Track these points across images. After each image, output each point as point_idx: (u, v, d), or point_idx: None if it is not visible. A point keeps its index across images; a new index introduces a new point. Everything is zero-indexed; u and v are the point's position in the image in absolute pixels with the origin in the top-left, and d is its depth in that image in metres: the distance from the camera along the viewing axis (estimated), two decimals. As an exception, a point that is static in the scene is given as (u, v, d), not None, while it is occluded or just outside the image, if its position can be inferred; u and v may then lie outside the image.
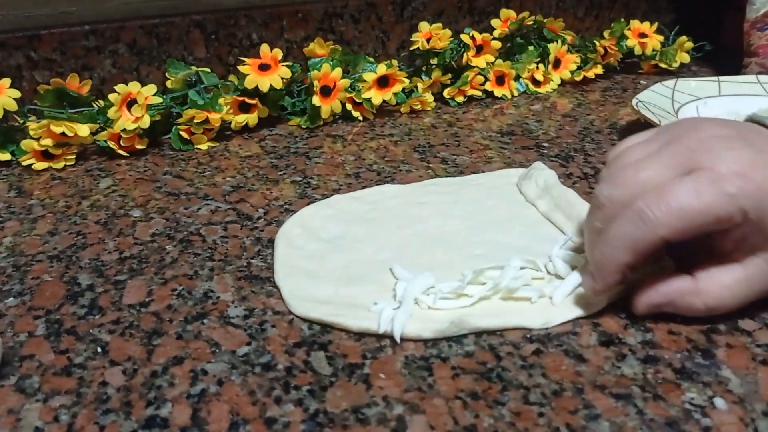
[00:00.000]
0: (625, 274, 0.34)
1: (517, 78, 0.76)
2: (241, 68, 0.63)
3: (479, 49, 0.74)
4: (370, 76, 0.67)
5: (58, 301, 0.40)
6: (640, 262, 0.34)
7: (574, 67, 0.78)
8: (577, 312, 0.36)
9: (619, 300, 0.37)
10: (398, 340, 0.35)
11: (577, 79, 0.78)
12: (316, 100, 0.65)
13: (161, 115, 0.62)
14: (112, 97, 0.59)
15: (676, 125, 0.37)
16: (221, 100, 0.63)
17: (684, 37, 0.84)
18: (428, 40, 0.71)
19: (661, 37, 0.83)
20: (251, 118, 0.65)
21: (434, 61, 0.72)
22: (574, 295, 0.37)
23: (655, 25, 0.83)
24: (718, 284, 0.35)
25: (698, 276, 0.35)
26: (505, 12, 0.77)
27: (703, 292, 0.35)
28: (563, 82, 0.78)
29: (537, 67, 0.77)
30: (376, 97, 0.67)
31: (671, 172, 0.33)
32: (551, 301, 0.37)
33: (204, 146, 0.62)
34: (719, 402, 0.31)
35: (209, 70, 0.66)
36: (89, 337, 0.36)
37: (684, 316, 0.36)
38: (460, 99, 0.73)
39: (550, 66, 0.77)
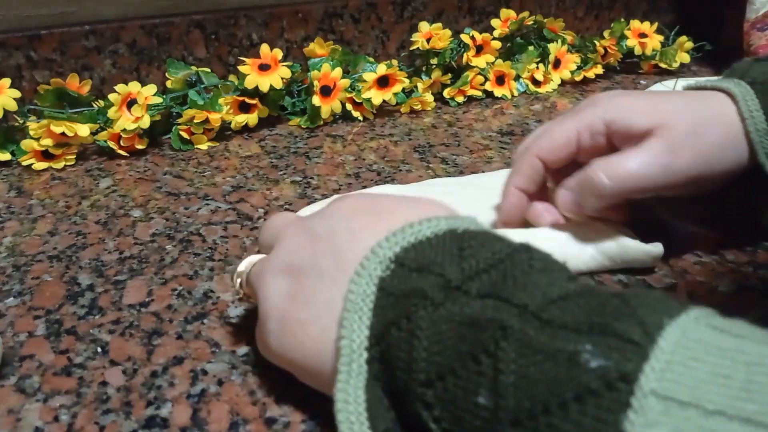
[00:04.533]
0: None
1: (517, 78, 0.76)
2: (241, 68, 0.63)
3: (479, 49, 0.74)
4: (370, 76, 0.67)
5: (58, 301, 0.40)
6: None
7: (574, 67, 0.78)
8: None
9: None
10: None
11: (577, 79, 0.78)
12: (316, 100, 0.65)
13: (161, 115, 0.62)
14: (112, 97, 0.59)
15: None
16: (221, 100, 0.63)
17: (684, 37, 0.84)
18: (428, 40, 0.71)
19: (661, 37, 0.83)
20: (251, 118, 0.65)
21: (434, 61, 0.72)
22: None
23: (655, 25, 0.83)
24: (614, 159, 0.38)
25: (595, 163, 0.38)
26: (505, 12, 0.77)
27: (602, 168, 0.37)
28: (563, 82, 0.78)
29: (537, 67, 0.77)
30: (376, 97, 0.67)
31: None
32: None
33: (204, 146, 0.62)
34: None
35: (209, 70, 0.66)
36: (89, 337, 0.36)
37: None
38: (460, 99, 0.73)
39: (550, 66, 0.77)
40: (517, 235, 0.38)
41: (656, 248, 0.41)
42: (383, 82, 0.68)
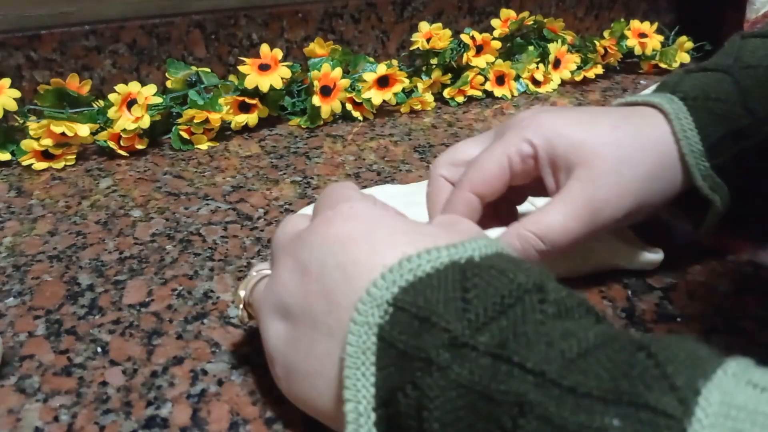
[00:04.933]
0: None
1: (517, 78, 0.76)
2: (241, 68, 0.63)
3: (479, 49, 0.74)
4: (370, 76, 0.67)
5: (58, 301, 0.40)
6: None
7: (574, 67, 0.78)
8: None
9: (619, 299, 0.37)
10: None
11: (577, 79, 0.78)
12: (316, 100, 0.65)
13: (161, 115, 0.62)
14: (112, 97, 0.59)
15: None
16: (221, 100, 0.63)
17: (684, 37, 0.84)
18: (428, 40, 0.71)
19: (661, 37, 0.83)
20: (251, 118, 0.65)
21: (434, 61, 0.72)
22: None
23: (655, 25, 0.83)
24: (539, 218, 0.35)
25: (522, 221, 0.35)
26: (505, 12, 0.77)
27: (530, 229, 0.34)
28: (563, 82, 0.78)
29: (537, 67, 0.77)
30: (376, 97, 0.67)
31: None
32: None
33: (204, 146, 0.62)
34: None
35: (209, 70, 0.66)
36: (89, 337, 0.36)
37: (683, 316, 0.35)
38: (460, 99, 0.73)
39: (550, 66, 0.77)
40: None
41: (657, 255, 0.41)
42: (383, 82, 0.68)
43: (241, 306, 0.32)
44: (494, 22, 0.77)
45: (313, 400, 0.27)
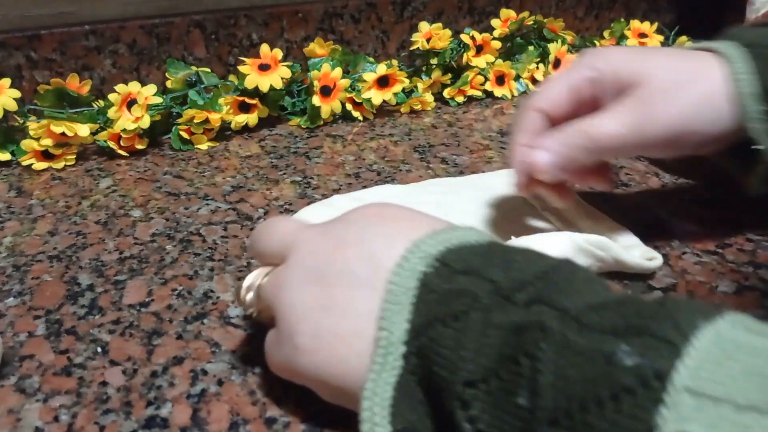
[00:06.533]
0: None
1: (517, 78, 0.76)
2: (241, 68, 0.63)
3: (479, 49, 0.74)
4: (370, 76, 0.67)
5: (58, 301, 0.40)
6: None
7: (574, 67, 0.77)
8: None
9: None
10: None
11: (577, 79, 0.78)
12: (316, 100, 0.65)
13: (161, 115, 0.62)
14: (112, 97, 0.59)
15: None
16: (221, 100, 0.63)
17: (684, 37, 0.84)
18: (428, 40, 0.71)
19: (661, 37, 0.83)
20: (251, 118, 0.65)
21: (434, 61, 0.72)
22: None
23: (655, 25, 0.83)
24: (590, 121, 0.38)
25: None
26: (505, 12, 0.77)
27: (580, 128, 0.38)
28: (563, 82, 0.78)
29: (537, 67, 0.77)
30: (376, 97, 0.67)
31: None
32: None
33: (204, 146, 0.62)
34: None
35: (209, 70, 0.66)
36: (89, 337, 0.36)
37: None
38: (460, 99, 0.73)
39: (550, 66, 0.77)
40: (520, 243, 0.38)
41: (655, 262, 0.41)
42: (383, 82, 0.68)
43: (250, 295, 0.32)
44: (494, 22, 0.77)
45: (344, 363, 0.27)
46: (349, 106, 0.68)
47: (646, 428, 0.19)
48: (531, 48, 0.78)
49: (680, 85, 0.38)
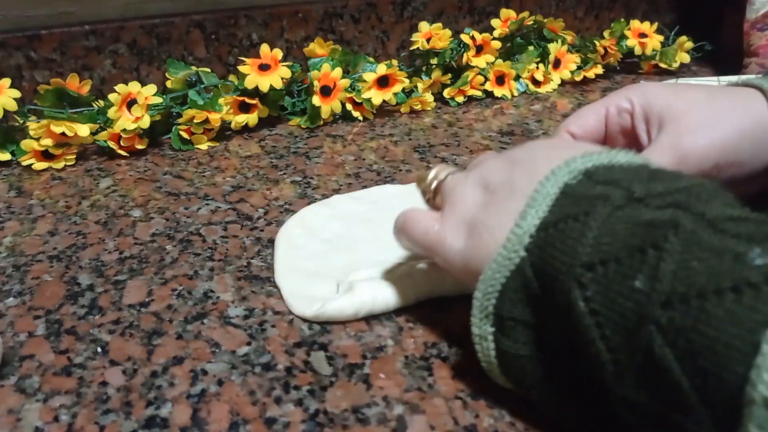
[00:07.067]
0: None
1: (517, 78, 0.76)
2: (241, 68, 0.63)
3: (479, 49, 0.74)
4: (370, 76, 0.67)
5: (58, 301, 0.40)
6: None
7: (574, 67, 0.78)
8: None
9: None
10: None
11: (577, 79, 0.78)
12: (316, 100, 0.65)
13: (161, 115, 0.62)
14: (112, 97, 0.59)
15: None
16: (221, 100, 0.63)
17: (684, 37, 0.84)
18: (428, 40, 0.71)
19: (661, 37, 0.83)
20: (251, 118, 0.65)
21: (434, 61, 0.72)
22: None
23: (655, 25, 0.83)
24: None
25: None
26: (505, 12, 0.77)
27: None
28: (563, 82, 0.78)
29: (537, 67, 0.77)
30: (376, 97, 0.67)
31: None
32: None
33: (204, 146, 0.62)
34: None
35: (209, 70, 0.66)
36: (89, 337, 0.36)
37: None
38: (460, 99, 0.73)
39: (550, 66, 0.77)
40: None
41: None
42: (383, 82, 0.68)
43: (435, 183, 0.36)
44: (494, 22, 0.77)
45: (483, 250, 0.30)
46: (349, 106, 0.68)
47: (764, 320, 0.20)
48: (531, 48, 0.78)
49: (720, 118, 0.37)
